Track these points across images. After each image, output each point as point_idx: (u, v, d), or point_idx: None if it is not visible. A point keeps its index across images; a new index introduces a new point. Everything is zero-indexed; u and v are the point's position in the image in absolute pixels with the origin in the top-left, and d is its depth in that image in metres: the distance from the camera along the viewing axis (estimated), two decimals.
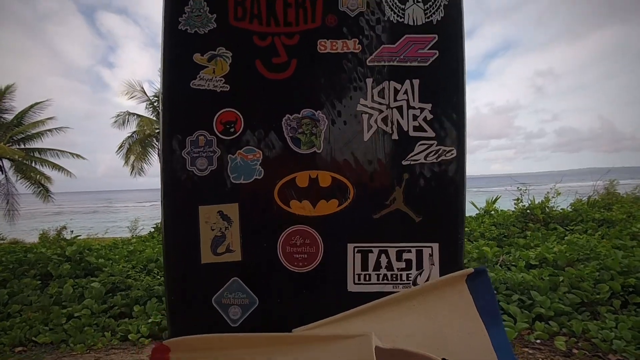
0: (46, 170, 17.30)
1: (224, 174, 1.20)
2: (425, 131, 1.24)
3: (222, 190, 1.20)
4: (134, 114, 17.47)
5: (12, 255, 6.41)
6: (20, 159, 15.73)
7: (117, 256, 6.60)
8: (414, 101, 1.25)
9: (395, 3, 1.27)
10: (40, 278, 5.52)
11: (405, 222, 1.22)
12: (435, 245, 1.22)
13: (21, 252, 7.00)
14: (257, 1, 1.25)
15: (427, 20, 1.27)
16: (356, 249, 1.21)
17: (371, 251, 1.22)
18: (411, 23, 1.27)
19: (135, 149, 17.17)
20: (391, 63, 1.25)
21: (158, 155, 17.79)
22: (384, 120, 1.24)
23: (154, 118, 17.60)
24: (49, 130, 17.24)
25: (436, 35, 1.27)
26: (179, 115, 1.22)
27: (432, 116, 1.25)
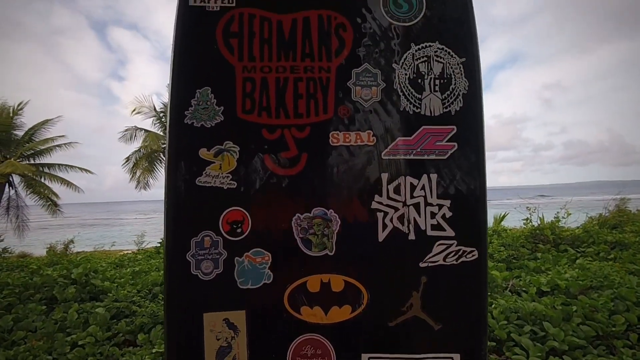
0: (55, 186, 17.48)
1: (230, 278, 1.13)
2: (444, 230, 1.17)
3: (228, 296, 1.13)
4: (141, 129, 17.64)
5: (19, 278, 6.41)
6: (30, 175, 15.93)
7: (122, 279, 6.57)
8: (431, 197, 1.18)
9: (412, 92, 1.21)
10: (46, 302, 5.50)
11: (423, 330, 1.13)
12: (457, 356, 1.13)
13: (27, 275, 7.00)
14: (267, 92, 1.19)
15: (445, 110, 1.21)
16: None
17: None
18: (428, 114, 1.20)
19: (141, 164, 17.29)
20: (407, 157, 1.19)
21: (165, 170, 17.86)
22: (400, 218, 1.16)
23: (161, 133, 17.75)
24: (59, 145, 17.48)
25: (455, 127, 1.20)
26: (183, 215, 1.15)
27: (451, 214, 1.17)
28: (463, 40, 1.24)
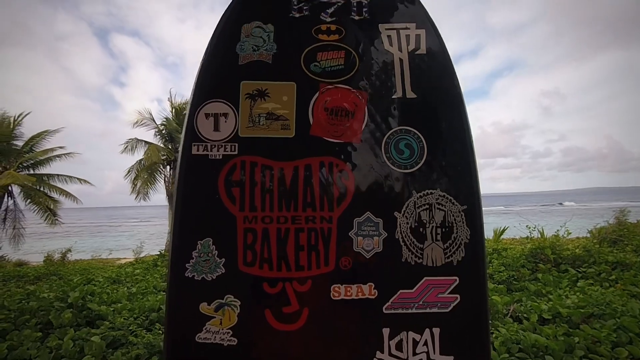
0: (55, 194, 17.47)
1: None
2: None
3: None
4: (142, 141, 17.68)
5: (15, 301, 6.38)
6: (30, 184, 15.93)
7: (119, 305, 6.54)
8: (434, 353, 1.17)
9: (413, 242, 1.20)
10: (42, 327, 5.46)
11: None
12: None
13: (24, 296, 6.97)
14: (268, 244, 1.19)
15: (447, 260, 1.20)
16: None
17: None
18: (430, 264, 1.20)
19: (142, 176, 17.30)
20: (409, 310, 1.18)
21: (164, 182, 17.89)
22: None
23: (162, 145, 17.77)
24: (58, 156, 17.49)
25: (457, 278, 1.19)
26: None
27: None
28: (464, 187, 1.24)
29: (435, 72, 1.30)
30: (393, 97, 1.27)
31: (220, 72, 1.27)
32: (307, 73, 1.27)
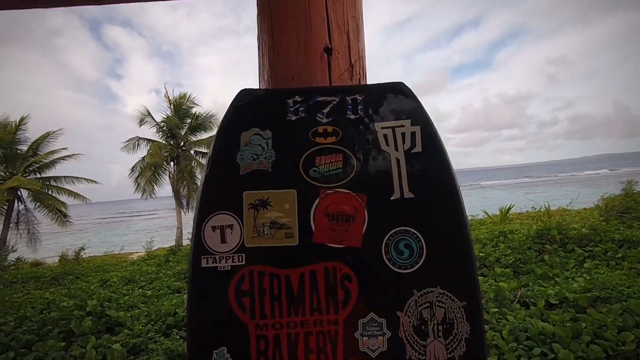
0: (63, 197, 17.73)
1: None
2: None
3: None
4: (144, 139, 17.73)
5: (36, 312, 6.69)
6: (38, 188, 16.16)
7: (137, 311, 6.81)
8: None
9: (416, 340, 1.27)
10: (64, 336, 5.76)
11: None
12: None
13: (44, 306, 7.28)
14: (279, 350, 1.26)
15: (449, 356, 1.27)
16: None
17: None
18: None
19: (145, 174, 17.44)
20: None
21: (169, 178, 18.05)
22: None
23: (163, 142, 17.81)
24: (63, 158, 17.62)
25: None
26: None
27: None
28: (463, 283, 1.29)
29: (432, 169, 1.33)
30: (392, 198, 1.31)
31: (223, 184, 1.31)
32: (306, 179, 1.31)
